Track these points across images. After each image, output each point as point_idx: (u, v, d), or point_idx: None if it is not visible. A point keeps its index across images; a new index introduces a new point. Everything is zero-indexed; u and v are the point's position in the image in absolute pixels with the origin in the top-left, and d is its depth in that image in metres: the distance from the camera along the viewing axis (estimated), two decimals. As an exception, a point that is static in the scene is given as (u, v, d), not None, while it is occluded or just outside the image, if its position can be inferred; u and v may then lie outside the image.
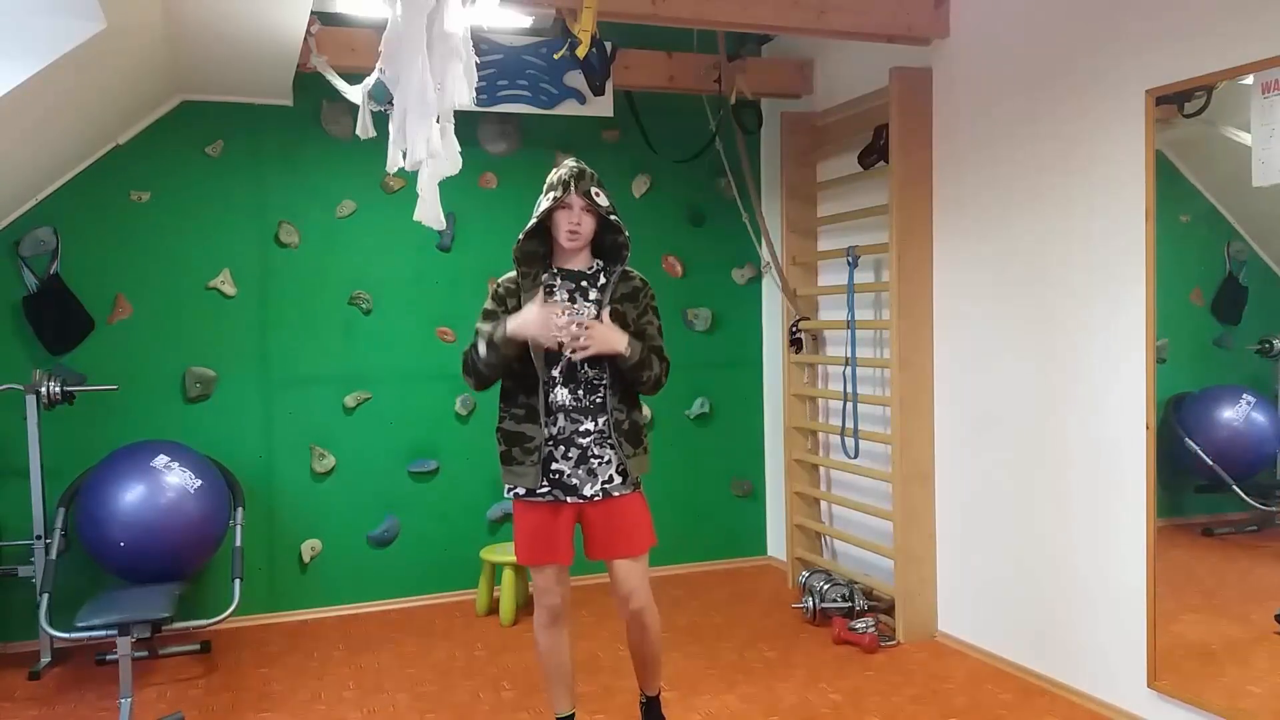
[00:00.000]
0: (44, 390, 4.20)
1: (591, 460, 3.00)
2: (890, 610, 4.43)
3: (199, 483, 4.21)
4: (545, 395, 2.97)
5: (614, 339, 2.94)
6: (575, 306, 3.01)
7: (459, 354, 5.02)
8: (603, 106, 4.80)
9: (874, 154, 4.57)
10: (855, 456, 4.71)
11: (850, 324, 4.70)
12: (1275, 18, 2.87)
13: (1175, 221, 3.25)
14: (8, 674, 4.19)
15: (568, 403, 2.98)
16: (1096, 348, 3.52)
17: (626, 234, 3.05)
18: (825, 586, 4.60)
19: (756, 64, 5.11)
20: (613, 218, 3.01)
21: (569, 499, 3.01)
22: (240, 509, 4.46)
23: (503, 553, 4.84)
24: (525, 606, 4.85)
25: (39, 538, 4.23)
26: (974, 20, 4.07)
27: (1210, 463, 3.28)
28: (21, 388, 4.22)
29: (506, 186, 5.20)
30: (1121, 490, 3.41)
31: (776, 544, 5.66)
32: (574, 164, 3.01)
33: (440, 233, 5.05)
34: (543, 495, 3.01)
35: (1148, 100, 3.24)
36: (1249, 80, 2.98)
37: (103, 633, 3.67)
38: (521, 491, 3.03)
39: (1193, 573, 3.33)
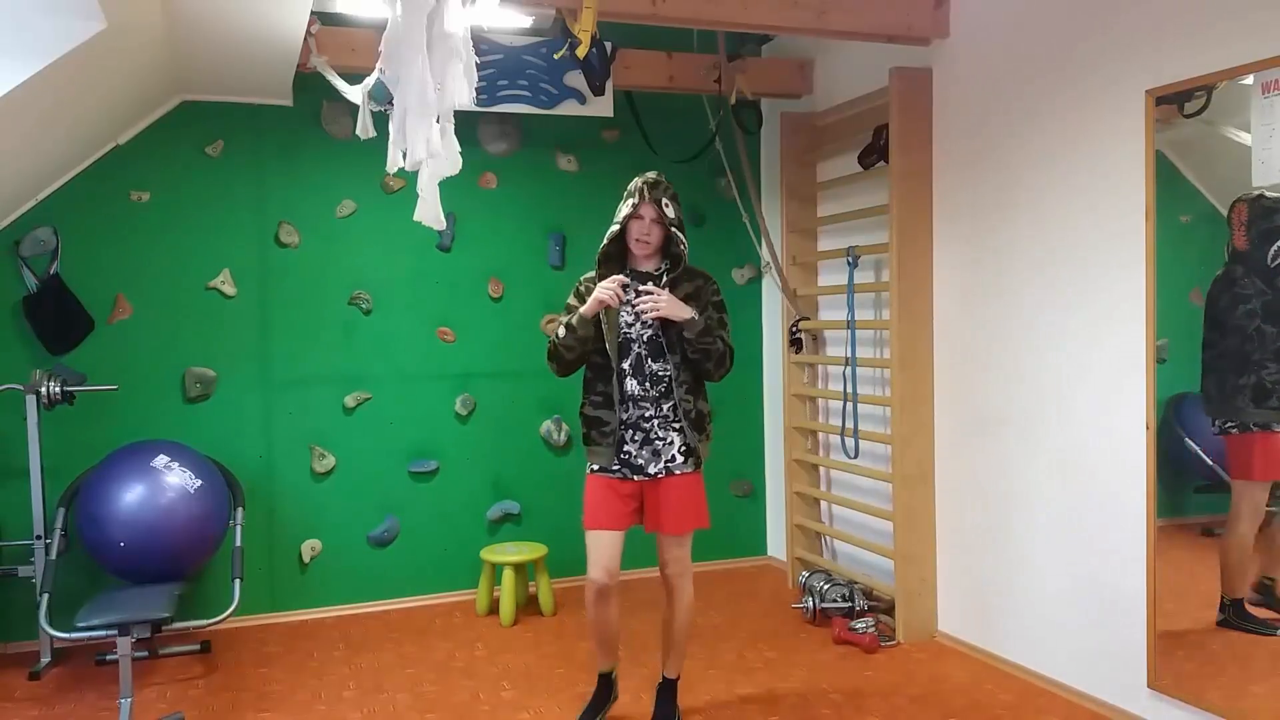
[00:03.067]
0: (44, 390, 4.20)
1: (656, 442, 3.33)
2: (890, 610, 4.43)
3: (199, 483, 4.21)
4: (619, 385, 3.32)
5: (681, 306, 3.26)
6: (635, 285, 3.34)
7: (459, 354, 5.14)
8: (603, 106, 4.80)
9: (874, 154, 4.57)
10: (855, 456, 4.71)
11: (850, 324, 4.70)
12: (1275, 17, 2.87)
13: (1175, 221, 3.25)
14: (8, 674, 4.19)
15: (636, 392, 3.33)
16: (1097, 348, 3.52)
17: (684, 244, 3.35)
18: (825, 586, 4.60)
19: (756, 64, 5.11)
20: (674, 230, 3.31)
21: (635, 477, 3.35)
22: (240, 509, 4.46)
23: (502, 553, 4.85)
24: (525, 606, 4.85)
25: (39, 538, 4.22)
26: (974, 20, 4.07)
27: (1210, 463, 3.28)
28: (21, 388, 4.22)
29: (506, 186, 5.21)
30: (1121, 490, 3.41)
31: (776, 544, 5.66)
32: (653, 175, 3.36)
33: (440, 233, 5.05)
34: (614, 472, 3.36)
35: (1148, 100, 3.24)
36: (1249, 80, 2.98)
37: (103, 633, 3.66)
38: (596, 468, 3.39)
39: (1193, 573, 3.33)
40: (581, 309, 3.31)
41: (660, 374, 3.33)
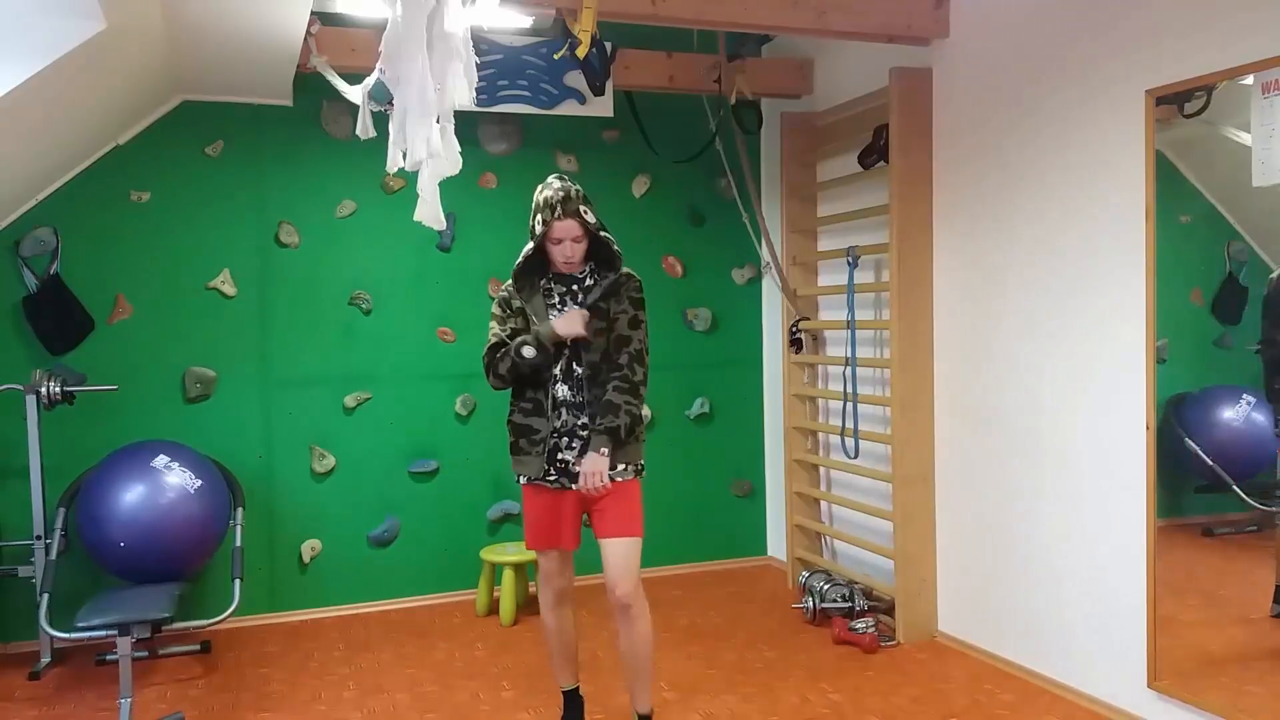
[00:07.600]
0: (44, 390, 4.20)
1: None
2: (890, 610, 4.43)
3: (199, 483, 4.21)
4: (550, 391, 3.16)
5: (600, 464, 3.07)
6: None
7: (459, 354, 5.14)
8: (603, 106, 4.79)
9: (874, 154, 4.57)
10: (855, 456, 4.70)
11: (850, 324, 4.70)
12: (1275, 17, 2.87)
13: (1175, 221, 3.25)
14: (8, 674, 4.19)
15: (567, 397, 3.17)
16: (1097, 348, 3.52)
17: (618, 248, 3.20)
18: (825, 586, 4.60)
19: (756, 64, 5.11)
20: (603, 234, 3.16)
21: (574, 485, 3.16)
22: (240, 509, 4.46)
23: (502, 553, 4.85)
24: (525, 606, 4.85)
25: (39, 538, 4.23)
26: (974, 20, 4.07)
27: (1210, 463, 3.28)
28: (21, 388, 4.22)
29: (506, 186, 5.20)
30: (1121, 490, 3.41)
31: (776, 544, 5.66)
32: (558, 185, 3.11)
33: (440, 233, 5.05)
34: (550, 482, 3.19)
35: (1148, 100, 3.24)
36: (1249, 80, 2.98)
37: (103, 633, 3.66)
38: (524, 480, 3.23)
39: (1193, 573, 3.33)
40: (558, 329, 3.09)
41: (585, 380, 3.15)
